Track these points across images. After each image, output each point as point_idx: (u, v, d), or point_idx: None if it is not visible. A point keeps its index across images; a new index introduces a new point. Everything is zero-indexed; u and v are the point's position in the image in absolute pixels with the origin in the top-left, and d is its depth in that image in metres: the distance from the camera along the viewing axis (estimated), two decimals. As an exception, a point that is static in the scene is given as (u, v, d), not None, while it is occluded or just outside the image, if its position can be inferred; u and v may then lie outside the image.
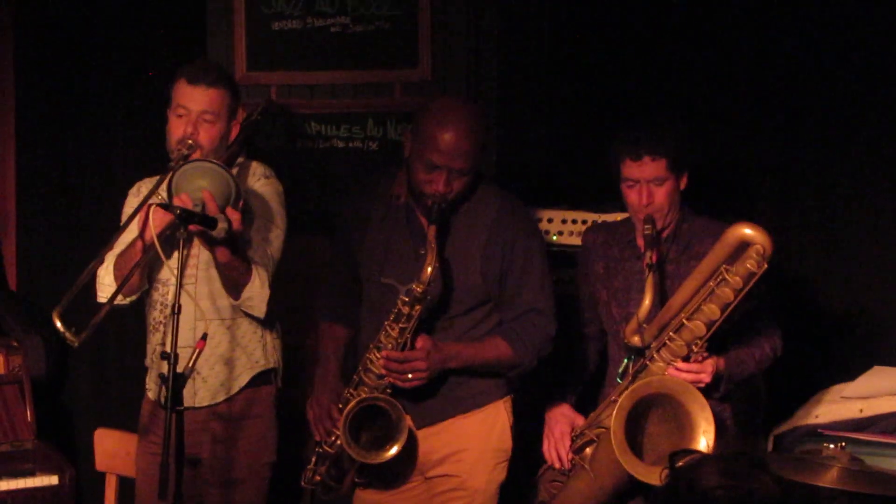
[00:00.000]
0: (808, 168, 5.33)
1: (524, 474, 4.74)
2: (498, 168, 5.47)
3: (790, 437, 4.91)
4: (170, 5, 5.73)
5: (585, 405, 4.68)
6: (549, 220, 5.17)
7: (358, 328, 4.65)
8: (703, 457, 2.95)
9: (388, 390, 4.40)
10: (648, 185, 4.49)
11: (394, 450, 4.37)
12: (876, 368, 4.98)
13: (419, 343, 4.35)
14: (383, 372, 4.37)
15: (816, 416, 4.91)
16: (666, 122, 4.64)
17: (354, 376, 4.46)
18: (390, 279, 4.47)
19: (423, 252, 4.35)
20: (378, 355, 4.37)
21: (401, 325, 4.33)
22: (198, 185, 4.16)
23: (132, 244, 4.39)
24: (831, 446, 4.09)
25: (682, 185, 4.55)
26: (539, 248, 4.53)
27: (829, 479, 3.91)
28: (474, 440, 4.52)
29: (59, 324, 4.12)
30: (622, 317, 4.57)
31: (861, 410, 4.84)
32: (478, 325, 4.50)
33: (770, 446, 4.96)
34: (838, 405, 4.90)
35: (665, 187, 4.50)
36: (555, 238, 5.13)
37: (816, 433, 4.81)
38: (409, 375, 4.35)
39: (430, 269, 4.25)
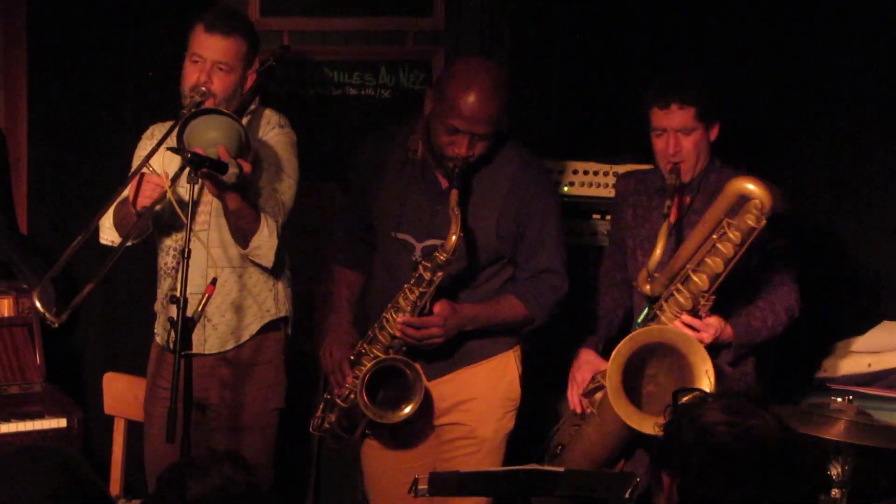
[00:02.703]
0: (821, 122, 5.31)
1: (531, 424, 4.75)
2: (509, 118, 5.45)
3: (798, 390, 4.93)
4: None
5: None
6: (560, 171, 5.15)
7: (370, 275, 4.66)
8: (706, 394, 2.98)
9: (404, 348, 4.42)
10: (676, 134, 4.46)
11: (409, 409, 4.40)
12: (885, 323, 4.98)
13: (437, 308, 4.36)
14: (399, 333, 4.38)
15: (825, 370, 4.92)
16: (695, 71, 4.61)
17: (370, 332, 4.48)
18: (405, 235, 4.47)
19: (439, 208, 4.37)
20: (395, 316, 4.38)
21: (421, 289, 4.33)
22: (209, 136, 4.17)
23: (128, 205, 4.38)
24: (839, 400, 4.11)
25: (713, 136, 4.51)
26: (555, 208, 4.53)
27: (835, 432, 3.94)
28: (483, 389, 4.54)
29: (38, 304, 4.18)
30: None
31: (869, 365, 4.85)
32: (490, 279, 4.51)
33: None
34: (847, 359, 4.90)
35: (693, 137, 4.47)
36: (566, 189, 5.12)
37: (824, 387, 4.82)
38: (425, 341, 4.37)
39: (454, 238, 4.23)
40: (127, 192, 4.35)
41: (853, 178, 5.26)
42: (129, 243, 4.41)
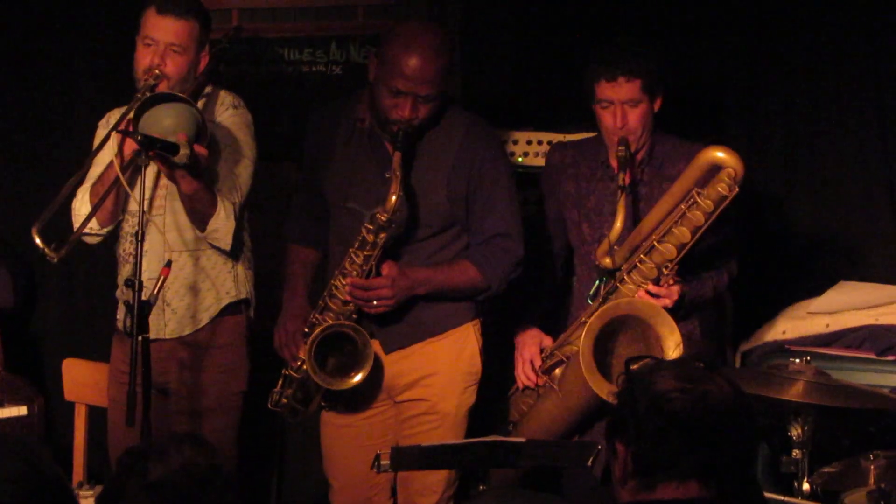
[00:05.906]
0: (774, 87, 5.31)
1: (494, 397, 4.76)
2: (463, 90, 5.44)
3: (757, 353, 4.94)
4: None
5: (553, 324, 4.70)
6: (515, 142, 5.15)
7: (326, 251, 4.65)
8: (658, 362, 2.97)
9: (354, 316, 4.41)
10: (623, 107, 4.48)
11: (359, 377, 4.39)
12: (842, 283, 5.00)
13: (384, 270, 4.35)
14: (348, 298, 4.37)
15: (783, 332, 4.94)
16: (641, 43, 4.62)
17: (320, 301, 4.46)
18: (355, 204, 4.45)
19: (387, 176, 4.34)
20: (343, 282, 4.37)
21: (365, 252, 4.33)
22: (165, 124, 4.15)
23: (107, 168, 4.38)
24: (797, 361, 4.13)
25: (656, 108, 4.54)
26: (506, 171, 4.52)
27: (794, 392, 3.96)
28: (444, 364, 4.53)
29: (37, 240, 4.14)
30: (594, 237, 4.59)
31: (827, 325, 4.87)
32: (445, 248, 4.50)
33: (738, 362, 4.99)
34: (805, 321, 4.93)
35: (639, 109, 4.49)
36: (520, 160, 5.11)
37: (783, 348, 4.85)
38: (375, 303, 4.35)
39: (394, 198, 4.23)
40: (106, 154, 4.33)
41: (808, 140, 5.26)
42: (106, 229, 4.50)
